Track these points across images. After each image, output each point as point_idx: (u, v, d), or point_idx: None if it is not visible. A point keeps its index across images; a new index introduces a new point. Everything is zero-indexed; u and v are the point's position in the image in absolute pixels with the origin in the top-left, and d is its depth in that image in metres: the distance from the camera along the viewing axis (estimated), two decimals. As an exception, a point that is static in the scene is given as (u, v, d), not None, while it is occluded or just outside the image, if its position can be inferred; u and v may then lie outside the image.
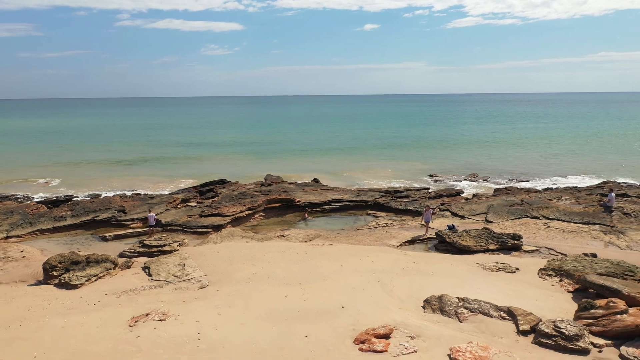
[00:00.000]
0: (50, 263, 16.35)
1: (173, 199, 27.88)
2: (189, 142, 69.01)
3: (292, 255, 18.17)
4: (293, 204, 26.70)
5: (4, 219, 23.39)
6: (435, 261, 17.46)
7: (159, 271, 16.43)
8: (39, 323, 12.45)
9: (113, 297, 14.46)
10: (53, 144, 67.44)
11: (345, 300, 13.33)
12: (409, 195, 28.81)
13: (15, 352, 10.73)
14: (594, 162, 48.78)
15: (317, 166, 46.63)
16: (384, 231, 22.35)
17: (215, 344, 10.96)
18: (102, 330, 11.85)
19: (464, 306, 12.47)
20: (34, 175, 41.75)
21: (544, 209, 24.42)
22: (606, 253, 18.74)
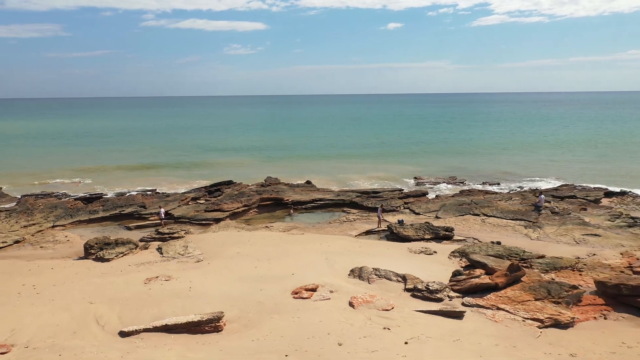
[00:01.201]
0: (89, 244, 22.20)
1: (185, 197, 33.70)
2: (208, 146, 74.30)
3: (269, 241, 23.74)
4: (282, 202, 32.27)
5: (50, 212, 29.46)
6: (375, 246, 22.88)
7: (168, 250, 22.13)
8: (84, 281, 18.24)
9: (134, 267, 20.22)
10: (85, 146, 74.14)
11: (296, 270, 18.81)
12: (382, 196, 34.09)
13: (70, 297, 16.46)
14: (585, 167, 51.69)
15: (318, 168, 51.90)
16: (350, 224, 27.78)
17: (200, 293, 16.53)
18: (126, 285, 17.55)
19: (375, 273, 17.85)
20: (69, 175, 48.05)
21: (486, 208, 29.53)
22: (518, 242, 23.81)
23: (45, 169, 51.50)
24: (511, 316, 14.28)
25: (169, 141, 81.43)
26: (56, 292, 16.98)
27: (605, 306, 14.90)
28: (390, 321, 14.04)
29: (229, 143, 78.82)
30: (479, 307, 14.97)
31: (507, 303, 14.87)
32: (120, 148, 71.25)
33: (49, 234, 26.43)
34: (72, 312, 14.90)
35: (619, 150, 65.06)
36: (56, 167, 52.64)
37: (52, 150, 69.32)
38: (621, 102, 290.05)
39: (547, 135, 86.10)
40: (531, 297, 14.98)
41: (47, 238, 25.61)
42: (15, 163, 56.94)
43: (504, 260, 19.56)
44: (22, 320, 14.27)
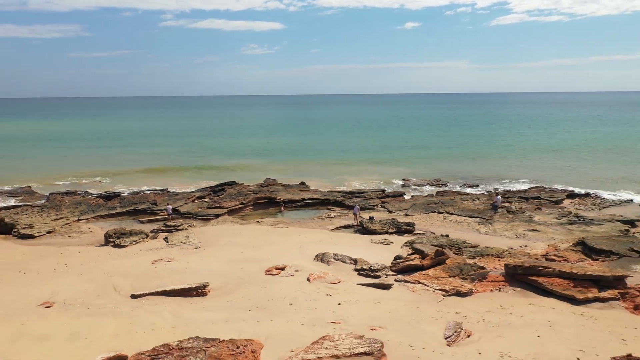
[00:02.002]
0: (108, 233, 27.04)
1: (191, 196, 38.52)
2: (220, 149, 78.47)
3: (257, 233, 28.39)
4: (275, 200, 36.88)
5: (75, 208, 34.46)
6: (345, 237, 27.38)
7: (173, 240, 26.85)
8: (105, 262, 23.03)
9: (144, 251, 24.98)
10: (105, 148, 79.65)
11: (272, 255, 23.37)
12: (364, 196, 38.52)
13: (94, 272, 21.20)
14: (573, 172, 55.08)
15: (318, 170, 56.15)
16: (330, 220, 32.28)
17: (194, 271, 21.16)
18: (137, 265, 22.28)
19: (334, 257, 22.35)
20: (91, 175, 53.23)
21: (449, 207, 33.82)
22: (467, 235, 28.08)
23: (69, 170, 56.78)
24: (426, 288, 18.69)
25: (185, 144, 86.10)
26: (83, 269, 21.81)
27: (503, 282, 19.21)
28: (333, 290, 18.54)
29: (241, 146, 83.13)
30: (405, 282, 19.39)
31: (426, 279, 19.28)
32: (139, 150, 76.48)
33: (75, 226, 31.37)
34: (96, 283, 19.66)
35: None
36: (79, 168, 57.89)
37: (76, 152, 74.84)
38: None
39: (566, 139, 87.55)
40: (446, 275, 19.36)
41: (74, 229, 30.54)
42: (41, 164, 62.48)
43: (445, 248, 23.92)
44: (58, 287, 19.05)
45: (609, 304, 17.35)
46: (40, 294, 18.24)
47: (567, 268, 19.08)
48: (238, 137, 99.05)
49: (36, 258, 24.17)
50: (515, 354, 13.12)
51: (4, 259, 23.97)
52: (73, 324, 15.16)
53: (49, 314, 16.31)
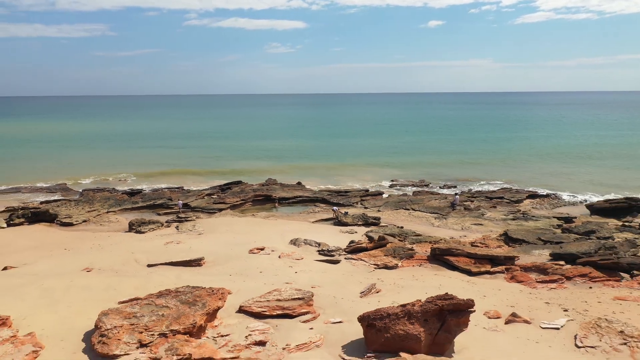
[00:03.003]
0: (132, 222, 33.93)
1: (201, 193, 45.33)
2: (237, 152, 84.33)
3: (251, 223, 34.99)
4: (270, 198, 43.45)
5: (105, 202, 41.53)
6: (319, 228, 33.83)
7: (182, 228, 33.60)
8: (128, 243, 29.86)
9: (159, 236, 31.76)
10: (131, 149, 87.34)
11: (257, 240, 29.87)
12: (348, 194, 44.81)
13: (120, 250, 27.99)
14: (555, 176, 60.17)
15: (320, 171, 62.32)
16: (313, 214, 38.70)
17: (195, 250, 27.76)
18: (153, 246, 29.03)
19: (304, 242, 28.79)
20: (116, 174, 60.54)
21: (416, 204, 39.95)
22: (421, 228, 34.18)
23: (98, 168, 64.23)
24: (364, 263, 25.02)
25: (203, 147, 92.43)
26: (112, 248, 28.68)
27: (425, 260, 25.42)
28: (295, 264, 24.99)
29: (255, 149, 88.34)
30: (351, 259, 25.75)
31: (367, 257, 25.60)
32: (160, 151, 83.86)
33: (105, 216, 38.39)
34: (122, 257, 26.46)
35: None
36: (106, 168, 65.27)
37: (103, 152, 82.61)
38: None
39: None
40: (382, 254, 25.66)
41: (104, 219, 37.57)
42: (72, 162, 70.20)
43: (395, 237, 30.16)
44: (94, 259, 25.87)
45: (494, 276, 23.47)
46: (82, 263, 25.10)
47: (473, 250, 25.24)
48: (254, 140, 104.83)
49: (76, 240, 31.18)
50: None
51: (52, 240, 31.06)
52: (106, 281, 21.88)
53: (89, 275, 23.11)
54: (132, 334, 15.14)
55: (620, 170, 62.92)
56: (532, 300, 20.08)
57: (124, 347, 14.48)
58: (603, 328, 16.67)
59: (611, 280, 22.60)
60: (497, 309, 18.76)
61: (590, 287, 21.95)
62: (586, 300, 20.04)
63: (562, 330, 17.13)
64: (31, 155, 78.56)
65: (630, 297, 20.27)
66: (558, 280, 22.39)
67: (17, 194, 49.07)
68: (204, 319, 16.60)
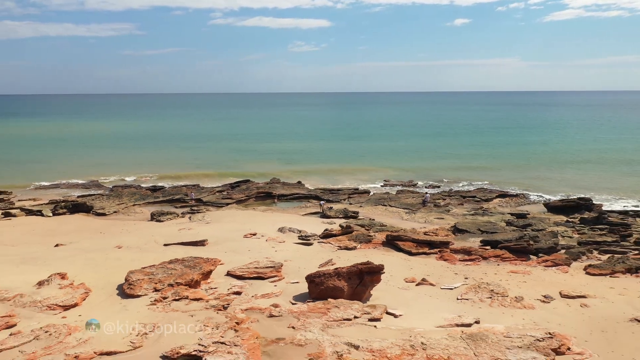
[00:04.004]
0: (153, 213, 41.50)
1: (212, 190, 52.74)
2: (254, 154, 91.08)
3: (250, 215, 42.22)
4: (271, 194, 50.62)
5: (132, 196, 49.25)
6: (306, 219, 40.83)
7: (193, 218, 40.99)
8: (150, 229, 37.36)
9: (174, 224, 39.21)
10: (154, 149, 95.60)
11: (253, 228, 37.00)
12: (339, 192, 51.68)
13: (143, 234, 35.47)
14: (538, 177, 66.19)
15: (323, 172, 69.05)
16: (305, 209, 45.68)
17: (202, 234, 34.99)
18: (169, 231, 36.45)
19: (288, 230, 35.85)
20: (140, 171, 68.46)
21: (393, 201, 46.65)
22: (391, 221, 40.88)
23: (124, 167, 72.32)
24: (331, 245, 31.97)
25: (222, 149, 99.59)
26: (137, 232, 36.19)
27: (380, 244, 32.24)
28: (277, 246, 32.03)
29: (271, 151, 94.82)
30: (322, 242, 32.73)
31: (334, 241, 32.55)
32: (181, 152, 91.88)
33: (131, 208, 46.04)
34: (144, 238, 33.91)
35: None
36: (133, 166, 73.37)
37: (128, 152, 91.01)
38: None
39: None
40: (346, 239, 32.57)
41: (130, 210, 45.21)
42: (101, 161, 78.52)
43: (364, 227, 36.98)
44: (124, 240, 33.38)
45: (429, 256, 30.19)
46: (114, 243, 32.65)
47: (418, 237, 32.00)
48: (270, 142, 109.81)
49: (108, 226, 38.81)
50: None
51: (89, 226, 38.77)
52: (132, 255, 29.29)
53: (119, 250, 30.60)
54: (150, 283, 22.49)
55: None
56: (445, 271, 26.84)
57: (143, 291, 21.82)
58: (481, 288, 23.40)
59: (518, 260, 29.12)
60: (415, 277, 25.59)
61: (499, 264, 28.54)
62: (486, 272, 26.71)
63: (455, 290, 23.86)
64: (66, 154, 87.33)
65: (521, 271, 26.86)
66: (476, 259, 29.02)
67: (57, 189, 57.21)
68: (200, 277, 23.87)
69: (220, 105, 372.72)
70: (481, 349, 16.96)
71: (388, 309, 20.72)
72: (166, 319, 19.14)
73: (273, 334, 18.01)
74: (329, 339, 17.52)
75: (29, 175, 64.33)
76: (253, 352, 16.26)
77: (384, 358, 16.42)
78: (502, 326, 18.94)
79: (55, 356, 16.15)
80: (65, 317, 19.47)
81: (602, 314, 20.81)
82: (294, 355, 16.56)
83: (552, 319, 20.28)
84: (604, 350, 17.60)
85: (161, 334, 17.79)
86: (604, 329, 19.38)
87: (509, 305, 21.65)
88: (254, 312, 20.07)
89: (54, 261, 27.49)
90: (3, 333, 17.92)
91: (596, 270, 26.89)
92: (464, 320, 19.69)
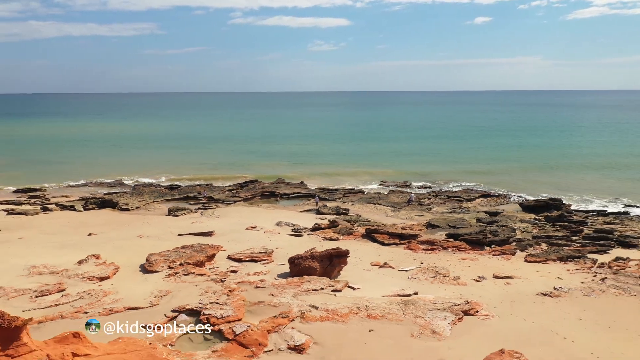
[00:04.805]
0: (170, 209, 47.84)
1: (224, 189, 58.97)
2: (267, 158, 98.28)
3: (253, 211, 48.29)
4: (275, 193, 56.62)
5: (152, 194, 55.71)
6: (302, 215, 46.74)
7: (205, 213, 47.16)
8: (166, 222, 43.63)
9: (188, 218, 45.46)
10: (172, 149, 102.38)
11: (254, 222, 43.00)
12: (335, 192, 57.43)
13: (161, 226, 41.72)
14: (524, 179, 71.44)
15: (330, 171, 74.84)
16: (303, 206, 51.55)
17: (211, 227, 41.10)
18: (183, 224, 42.65)
19: (284, 223, 41.76)
20: (159, 172, 75.01)
21: (382, 200, 52.26)
22: (376, 217, 46.52)
23: (144, 167, 79.07)
24: (317, 237, 37.80)
25: (236, 151, 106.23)
26: (156, 224, 42.48)
27: (359, 236, 37.99)
28: (273, 237, 37.99)
29: (285, 154, 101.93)
30: (311, 234, 38.60)
31: (321, 233, 38.35)
32: (198, 153, 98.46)
33: (151, 205, 52.40)
34: (162, 230, 40.17)
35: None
36: (152, 166, 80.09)
37: (148, 152, 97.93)
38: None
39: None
40: (331, 232, 38.38)
41: (150, 206, 51.56)
42: (124, 161, 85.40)
43: (350, 222, 42.72)
44: (144, 231, 39.63)
45: (398, 246, 35.82)
46: (137, 233, 38.95)
47: (391, 230, 37.67)
48: (283, 144, 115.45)
49: (132, 220, 45.17)
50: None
51: (116, 219, 45.18)
52: (152, 242, 35.46)
53: (141, 239, 36.86)
54: (165, 262, 28.66)
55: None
56: (407, 258, 32.51)
57: (160, 268, 27.99)
58: (429, 270, 29.07)
59: (473, 250, 34.63)
60: (380, 261, 31.30)
61: (455, 253, 34.09)
62: (441, 259, 32.31)
63: (409, 272, 29.51)
64: (91, 154, 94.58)
65: (470, 258, 32.42)
66: (436, 249, 34.60)
67: (85, 187, 64.00)
68: (205, 259, 29.97)
69: (238, 105, 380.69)
70: (409, 310, 22.68)
71: (350, 284, 26.53)
72: (176, 287, 25.27)
73: (256, 299, 23.93)
74: (297, 302, 23.41)
75: (60, 174, 71.21)
76: (239, 309, 22.19)
77: (335, 315, 22.24)
78: (433, 296, 24.61)
79: (96, 309, 22.31)
80: (100, 285, 25.70)
81: (517, 290, 26.34)
82: (269, 312, 22.44)
83: (477, 292, 25.85)
84: (506, 314, 23.14)
85: (172, 297, 23.90)
86: (514, 299, 24.91)
87: (447, 283, 27.28)
88: (244, 285, 26.03)
89: (89, 246, 33.86)
90: (56, 295, 24.17)
91: (533, 258, 32.30)
92: (405, 292, 25.40)
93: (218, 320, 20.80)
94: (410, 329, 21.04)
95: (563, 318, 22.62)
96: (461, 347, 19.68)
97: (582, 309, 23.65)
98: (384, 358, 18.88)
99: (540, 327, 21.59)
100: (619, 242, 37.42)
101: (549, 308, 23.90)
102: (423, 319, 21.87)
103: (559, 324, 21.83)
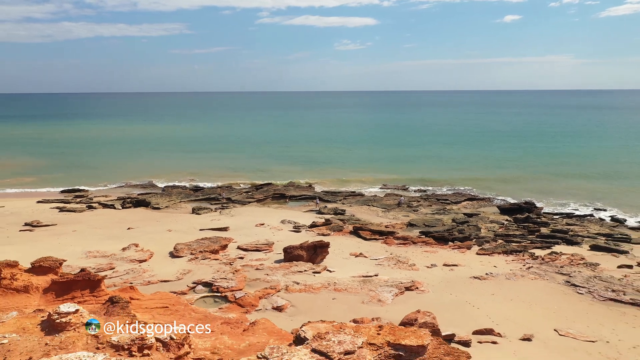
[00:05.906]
0: (194, 208, 56.60)
1: (240, 191, 67.56)
2: (286, 162, 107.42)
3: (264, 211, 56.71)
4: (284, 195, 64.92)
5: (179, 195, 64.61)
6: (305, 214, 54.93)
7: (223, 212, 55.72)
8: (191, 220, 52.34)
9: (209, 216, 54.06)
10: (196, 152, 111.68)
11: (263, 220, 51.35)
12: (338, 194, 65.41)
13: (186, 223, 50.37)
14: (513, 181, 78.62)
15: (339, 174, 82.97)
16: (307, 207, 59.73)
17: (226, 224, 49.51)
18: (204, 221, 51.23)
19: (288, 221, 50.00)
20: (186, 174, 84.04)
21: (376, 202, 60.08)
22: (368, 217, 54.37)
23: (172, 169, 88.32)
24: (313, 232, 45.90)
25: (257, 155, 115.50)
26: (182, 221, 51.22)
27: (348, 232, 45.97)
28: (276, 232, 46.26)
29: (299, 158, 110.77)
30: (308, 231, 46.76)
31: (316, 230, 46.48)
32: (220, 155, 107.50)
33: (178, 205, 61.24)
34: (187, 225, 48.90)
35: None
36: (179, 168, 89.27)
37: (177, 155, 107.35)
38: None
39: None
40: (325, 228, 46.41)
41: (178, 206, 60.40)
42: (154, 163, 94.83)
43: (343, 220, 50.71)
44: (173, 226, 48.33)
45: (377, 240, 43.65)
46: (166, 227, 47.69)
47: (373, 227, 45.57)
48: (302, 147, 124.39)
49: (162, 217, 54.01)
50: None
51: (149, 216, 54.08)
52: (178, 235, 44.03)
53: (170, 232, 45.54)
54: (188, 250, 37.26)
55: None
56: (380, 250, 40.40)
57: (184, 254, 36.61)
58: (393, 258, 36.94)
59: (438, 245, 42.29)
60: (357, 252, 39.28)
61: (421, 247, 41.82)
62: (407, 251, 40.12)
63: (377, 260, 37.41)
64: (124, 157, 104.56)
65: (431, 251, 40.12)
66: (407, 243, 42.38)
67: (121, 188, 73.39)
68: (219, 248, 38.44)
69: (262, 106, 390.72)
70: (366, 286, 30.69)
71: (328, 268, 34.64)
72: (196, 267, 33.78)
73: (255, 276, 32.24)
74: (284, 279, 31.65)
75: (97, 176, 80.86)
76: (240, 283, 30.51)
77: (310, 288, 30.40)
78: (387, 277, 32.53)
79: (138, 281, 30.91)
80: (140, 265, 34.40)
81: (457, 274, 34.05)
82: (263, 286, 30.71)
83: (424, 275, 33.65)
84: (439, 290, 30.90)
85: (193, 274, 32.41)
86: (450, 280, 32.65)
87: (403, 268, 35.14)
88: (247, 267, 34.38)
89: (129, 238, 42.63)
90: (109, 272, 32.91)
91: (482, 251, 39.84)
92: (368, 273, 33.37)
93: (225, 289, 29.18)
94: (362, 298, 29.07)
95: (481, 294, 30.31)
96: (396, 311, 27.55)
97: (499, 288, 31.28)
98: (339, 316, 26.87)
99: (460, 299, 29.35)
100: (566, 240, 44.47)
101: (474, 287, 31.59)
102: (374, 292, 29.87)
103: (475, 298, 29.54)
